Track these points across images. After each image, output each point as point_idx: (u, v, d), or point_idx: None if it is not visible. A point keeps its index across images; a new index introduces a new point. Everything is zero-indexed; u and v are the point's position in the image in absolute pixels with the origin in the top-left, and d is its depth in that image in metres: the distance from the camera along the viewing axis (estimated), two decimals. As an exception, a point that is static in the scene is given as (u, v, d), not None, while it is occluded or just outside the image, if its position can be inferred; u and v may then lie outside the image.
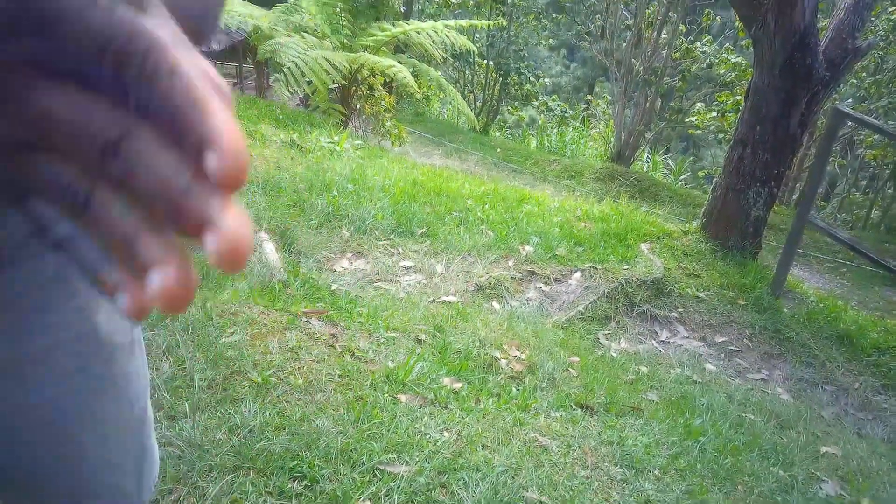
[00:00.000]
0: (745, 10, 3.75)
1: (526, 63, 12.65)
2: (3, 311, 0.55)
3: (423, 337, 2.47)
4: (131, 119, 0.20)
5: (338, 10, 6.75)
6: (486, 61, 12.34)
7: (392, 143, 7.53)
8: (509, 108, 14.20)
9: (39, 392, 0.57)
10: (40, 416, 0.58)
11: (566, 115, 14.12)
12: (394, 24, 7.04)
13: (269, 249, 3.00)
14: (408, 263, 3.42)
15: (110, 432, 0.63)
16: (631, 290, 3.44)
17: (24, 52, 0.20)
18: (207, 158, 0.20)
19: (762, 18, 3.56)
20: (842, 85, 10.28)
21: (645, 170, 11.27)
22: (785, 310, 3.54)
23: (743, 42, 10.43)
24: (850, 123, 6.66)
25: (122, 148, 0.20)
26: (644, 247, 3.95)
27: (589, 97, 17.10)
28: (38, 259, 0.57)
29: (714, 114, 10.73)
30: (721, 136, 10.92)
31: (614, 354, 2.97)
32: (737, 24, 8.78)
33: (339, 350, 2.10)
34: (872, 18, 9.03)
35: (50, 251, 0.57)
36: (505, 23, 11.89)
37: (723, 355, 3.20)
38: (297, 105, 8.77)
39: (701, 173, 12.85)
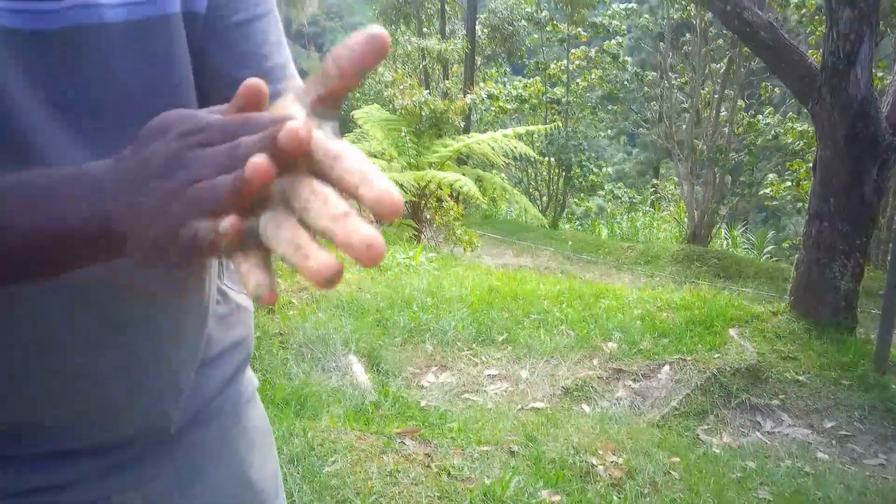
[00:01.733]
0: (799, 88, 3.80)
1: (587, 155, 12.88)
2: (175, 481, 0.66)
3: (515, 448, 2.48)
4: None
5: (402, 133, 7.22)
6: (547, 158, 12.67)
7: (464, 249, 7.74)
8: (576, 199, 14.35)
9: None
10: None
11: (634, 200, 14.11)
12: (455, 139, 7.44)
13: (359, 371, 3.13)
14: (492, 372, 3.46)
15: None
16: (725, 379, 3.34)
17: None
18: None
19: (817, 94, 3.59)
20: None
21: (725, 247, 11.01)
22: (894, 385, 3.32)
23: (806, 109, 10.34)
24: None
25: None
26: (733, 332, 3.85)
27: (655, 181, 17.09)
28: (204, 429, 0.69)
29: (788, 183, 10.48)
30: (799, 204, 10.61)
31: (717, 451, 2.86)
32: (796, 93, 8.76)
33: (435, 470, 2.14)
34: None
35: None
36: (561, 123, 12.27)
37: (834, 442, 3.02)
38: (371, 223, 9.23)
39: (786, 244, 12.39)
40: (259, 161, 0.32)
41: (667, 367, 3.44)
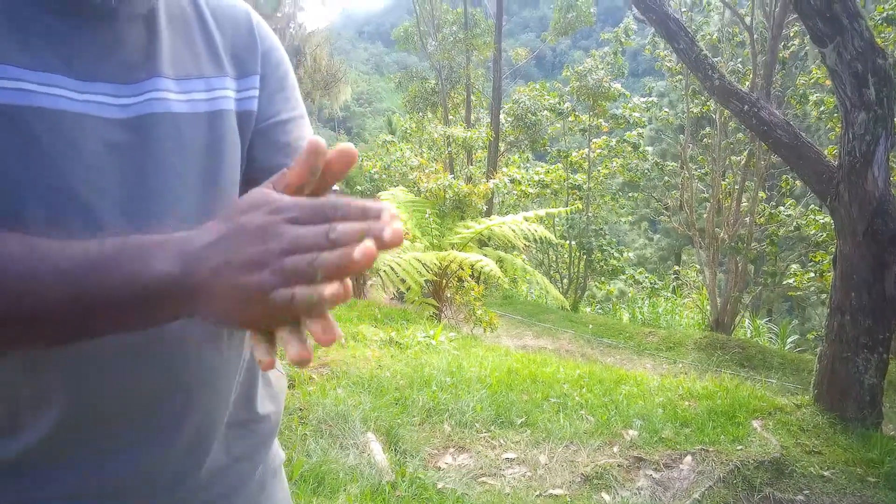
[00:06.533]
0: (817, 184, 3.89)
1: (608, 239, 13.00)
2: None
3: (533, 536, 2.44)
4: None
5: (427, 215, 7.41)
6: (568, 241, 12.79)
7: (484, 330, 7.75)
8: (596, 283, 14.36)
9: None
10: None
11: (655, 286, 14.08)
12: (477, 222, 7.60)
13: (377, 450, 3.12)
14: (510, 455, 3.42)
15: None
16: (748, 472, 3.27)
17: None
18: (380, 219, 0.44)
19: (835, 191, 3.67)
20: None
21: (748, 335, 10.86)
22: (925, 486, 3.22)
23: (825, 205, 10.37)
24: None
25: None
26: (756, 424, 3.79)
27: (677, 267, 17.08)
28: (233, 497, 0.74)
29: (812, 274, 10.42)
30: (823, 296, 10.51)
31: (740, 547, 2.77)
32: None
33: (451, 554, 2.12)
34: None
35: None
36: (582, 206, 12.46)
37: (863, 543, 2.91)
38: (392, 300, 9.29)
39: (811, 335, 12.18)
40: (370, 247, 0.41)
41: (689, 458, 3.38)
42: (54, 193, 0.56)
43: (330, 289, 0.41)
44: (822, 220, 9.97)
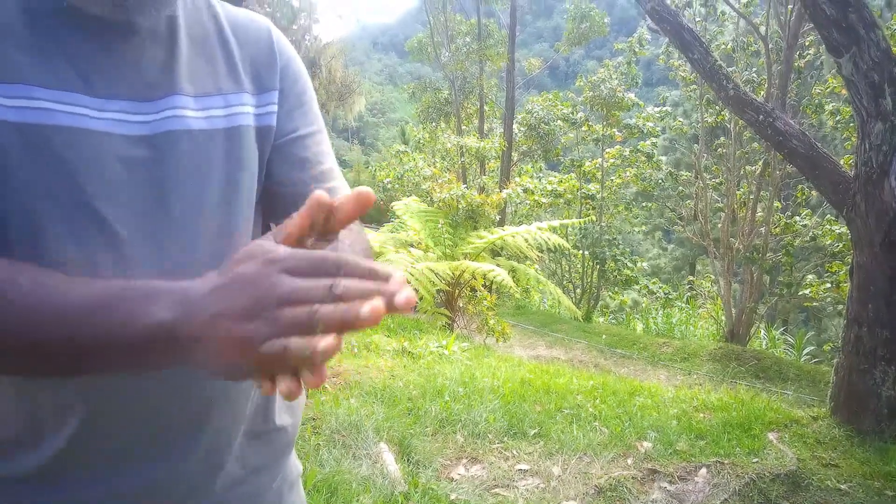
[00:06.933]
0: (833, 195, 3.86)
1: (621, 249, 12.92)
2: None
3: (546, 548, 2.42)
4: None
5: (440, 225, 7.43)
6: (581, 251, 12.74)
7: (496, 339, 7.74)
8: (610, 293, 14.27)
9: None
10: None
11: (669, 296, 13.95)
12: (490, 232, 7.61)
13: (390, 460, 3.12)
14: (523, 467, 3.41)
15: None
16: (764, 485, 3.23)
17: None
18: (391, 282, 0.45)
19: (851, 201, 3.65)
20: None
21: (764, 346, 10.73)
22: (946, 501, 3.16)
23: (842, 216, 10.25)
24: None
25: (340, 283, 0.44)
26: (772, 436, 3.75)
27: (691, 277, 16.95)
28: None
29: (828, 285, 10.30)
30: (840, 307, 10.38)
31: (756, 562, 2.74)
32: (832, 196, 8.73)
33: (464, 566, 2.11)
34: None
35: None
36: (595, 218, 12.42)
37: (883, 559, 2.86)
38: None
39: (827, 346, 12.01)
40: (379, 306, 0.42)
41: (704, 470, 3.35)
42: (74, 210, 0.57)
43: (325, 342, 0.41)
44: (838, 231, 9.86)
